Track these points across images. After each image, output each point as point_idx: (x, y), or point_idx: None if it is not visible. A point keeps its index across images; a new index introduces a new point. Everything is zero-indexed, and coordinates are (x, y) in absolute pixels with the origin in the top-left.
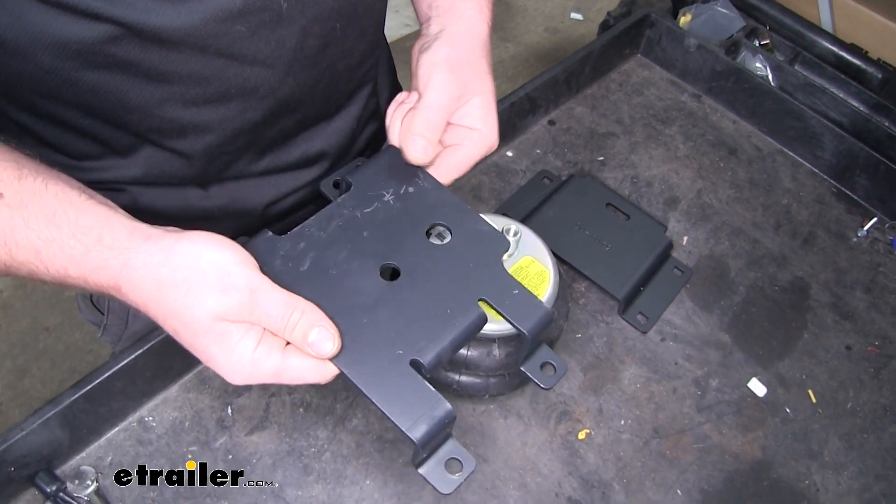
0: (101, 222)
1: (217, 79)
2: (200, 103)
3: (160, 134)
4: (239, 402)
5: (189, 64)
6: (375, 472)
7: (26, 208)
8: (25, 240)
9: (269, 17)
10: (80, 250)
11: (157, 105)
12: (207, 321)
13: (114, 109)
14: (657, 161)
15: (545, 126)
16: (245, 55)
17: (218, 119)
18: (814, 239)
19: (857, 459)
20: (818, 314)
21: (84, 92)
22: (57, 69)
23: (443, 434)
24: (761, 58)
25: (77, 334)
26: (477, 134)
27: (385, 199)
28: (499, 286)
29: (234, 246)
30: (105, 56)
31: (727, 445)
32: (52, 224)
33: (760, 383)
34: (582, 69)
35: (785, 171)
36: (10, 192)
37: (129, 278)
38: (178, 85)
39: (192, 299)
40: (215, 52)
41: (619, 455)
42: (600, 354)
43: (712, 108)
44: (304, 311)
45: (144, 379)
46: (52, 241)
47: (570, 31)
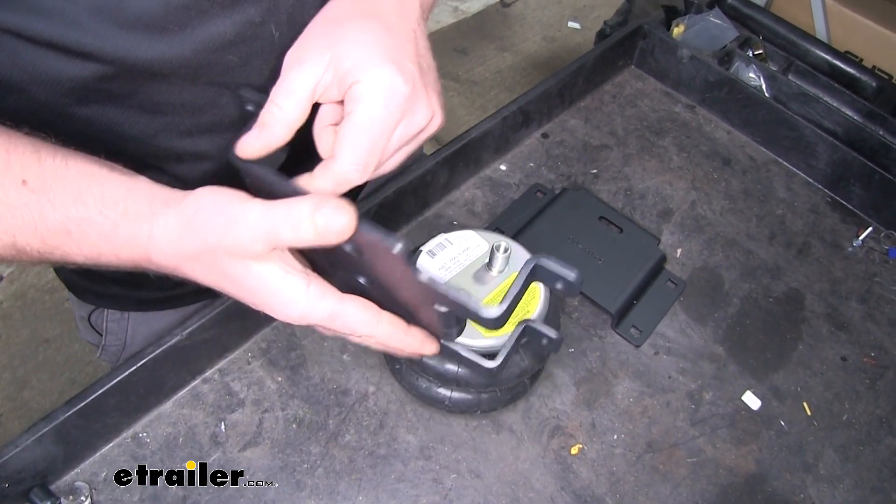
0: (125, 193)
1: (211, 108)
2: (195, 133)
3: (158, 160)
4: (232, 417)
5: (182, 95)
6: (368, 488)
7: (51, 190)
8: (55, 222)
9: (261, 47)
10: (109, 226)
11: (152, 135)
12: (244, 266)
13: (111, 140)
14: (651, 173)
15: (538, 139)
16: (238, 84)
17: (214, 148)
18: (808, 249)
19: (852, 472)
20: (813, 325)
21: (80, 124)
22: (52, 104)
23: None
24: (755, 68)
25: (76, 346)
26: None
27: None
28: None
29: (244, 196)
30: (98, 91)
31: (721, 459)
32: (78, 202)
33: (755, 396)
34: (575, 81)
35: (779, 181)
36: (32, 175)
37: (155, 247)
38: (171, 115)
39: (210, 266)
40: (207, 81)
41: (613, 470)
42: (593, 368)
43: (706, 119)
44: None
45: (138, 395)
46: (81, 221)
47: (568, 39)
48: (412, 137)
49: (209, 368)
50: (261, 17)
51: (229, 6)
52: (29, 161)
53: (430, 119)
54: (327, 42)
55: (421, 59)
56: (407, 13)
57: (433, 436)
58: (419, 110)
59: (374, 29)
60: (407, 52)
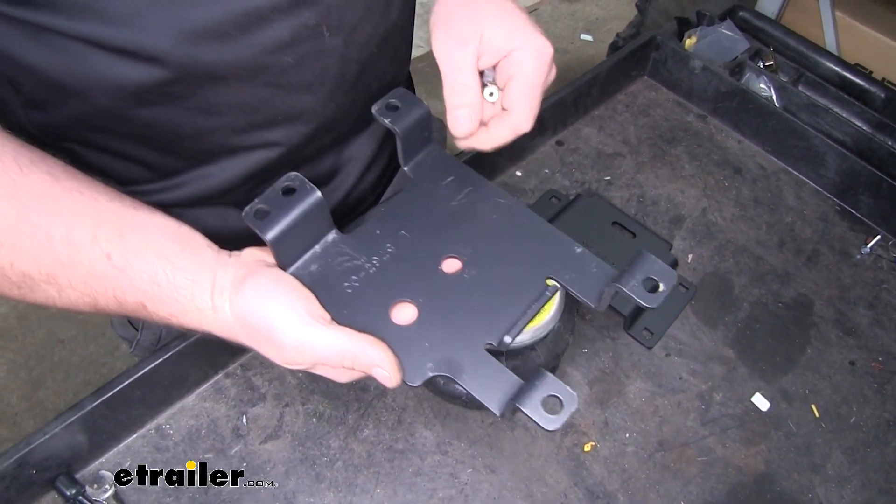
0: (191, 282)
1: (265, 107)
2: (249, 130)
3: (211, 156)
4: (254, 411)
5: (239, 95)
6: (386, 482)
7: (132, 268)
8: (133, 296)
9: (314, 48)
10: (178, 308)
11: (208, 134)
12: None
13: (166, 139)
14: (663, 180)
15: (553, 146)
16: (291, 84)
17: (265, 143)
18: (817, 256)
19: (860, 473)
20: (822, 330)
21: (138, 126)
22: (113, 108)
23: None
24: (765, 79)
25: (91, 347)
26: (519, 58)
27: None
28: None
29: (284, 292)
30: (160, 94)
31: (731, 458)
32: (154, 283)
33: (764, 398)
34: (589, 91)
35: (789, 190)
36: (116, 251)
37: (211, 328)
38: (228, 115)
39: (258, 346)
40: (264, 82)
41: (624, 467)
42: (606, 369)
43: (717, 129)
44: (355, 357)
45: (163, 388)
46: (155, 299)
47: (581, 51)
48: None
49: (232, 363)
50: (315, 21)
51: (287, 11)
52: (113, 237)
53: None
54: (474, 24)
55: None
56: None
57: (450, 432)
58: (553, 63)
59: (505, 6)
60: (528, 19)
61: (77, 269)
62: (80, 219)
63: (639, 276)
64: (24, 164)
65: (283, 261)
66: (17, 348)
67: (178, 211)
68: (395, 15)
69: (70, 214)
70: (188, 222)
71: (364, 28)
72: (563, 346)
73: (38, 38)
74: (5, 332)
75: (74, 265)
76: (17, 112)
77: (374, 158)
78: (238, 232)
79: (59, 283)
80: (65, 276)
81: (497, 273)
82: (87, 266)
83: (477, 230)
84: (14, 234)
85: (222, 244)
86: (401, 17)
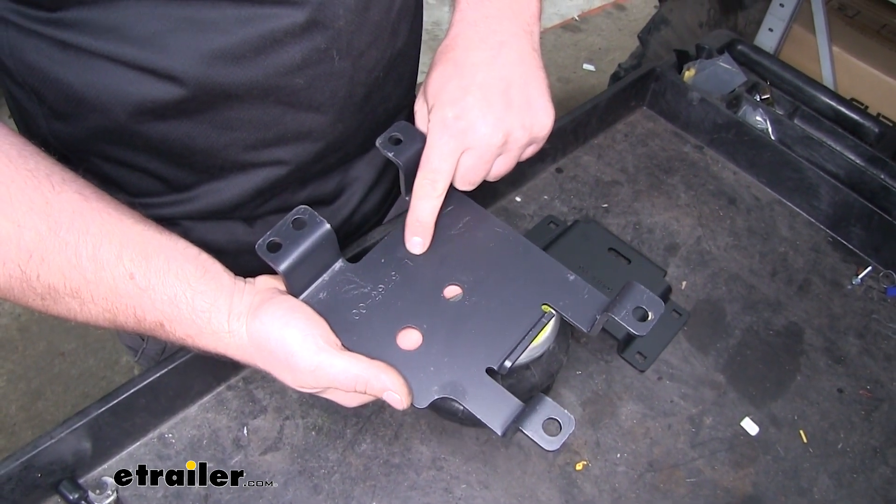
0: (210, 304)
1: (276, 125)
2: (260, 147)
3: (222, 171)
4: (254, 423)
5: (251, 113)
6: (381, 495)
7: (154, 289)
8: (152, 315)
9: (324, 70)
10: (196, 330)
11: (221, 149)
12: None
13: (180, 153)
14: (659, 209)
15: (553, 173)
16: (302, 103)
17: (275, 159)
18: (809, 286)
19: (846, 498)
20: (811, 358)
21: (153, 139)
22: (131, 122)
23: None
24: (761, 111)
25: (91, 360)
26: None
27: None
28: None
29: (300, 319)
30: (176, 111)
31: (719, 480)
32: (173, 305)
33: (753, 422)
34: (589, 120)
35: (782, 221)
36: (140, 272)
37: (227, 350)
38: (240, 131)
39: (273, 369)
40: (275, 101)
41: (615, 486)
42: (599, 391)
43: (713, 159)
44: (368, 382)
45: (167, 397)
46: (173, 320)
47: (583, 81)
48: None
49: (234, 376)
50: (326, 45)
51: (299, 35)
52: (137, 258)
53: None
54: (459, 92)
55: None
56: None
57: (445, 448)
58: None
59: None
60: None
61: (101, 285)
62: (107, 238)
63: (629, 306)
64: (57, 181)
65: (294, 289)
66: (17, 359)
67: (188, 224)
68: (401, 41)
69: (98, 233)
70: (197, 236)
71: (371, 53)
72: (557, 366)
73: (65, 53)
74: (6, 343)
75: (99, 282)
76: (39, 123)
77: (379, 179)
78: (245, 246)
79: (82, 298)
80: (88, 291)
81: (496, 299)
82: (110, 283)
83: (476, 258)
84: (43, 248)
85: (230, 258)
86: (407, 43)
